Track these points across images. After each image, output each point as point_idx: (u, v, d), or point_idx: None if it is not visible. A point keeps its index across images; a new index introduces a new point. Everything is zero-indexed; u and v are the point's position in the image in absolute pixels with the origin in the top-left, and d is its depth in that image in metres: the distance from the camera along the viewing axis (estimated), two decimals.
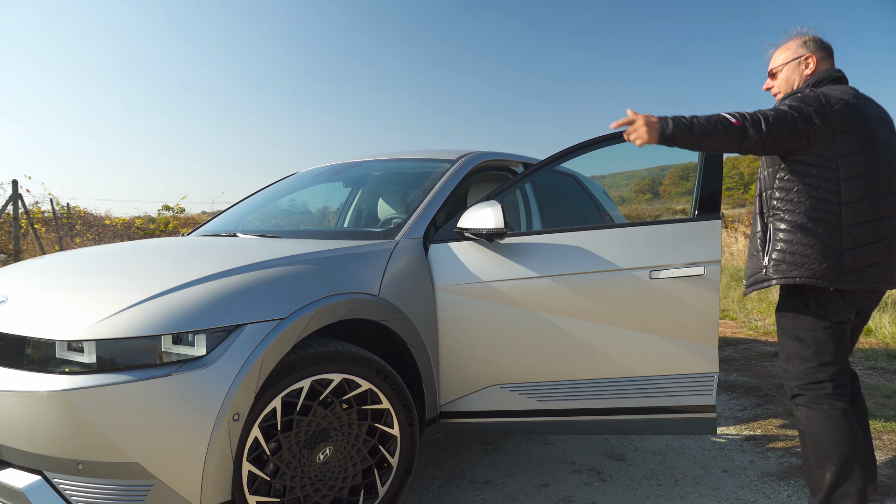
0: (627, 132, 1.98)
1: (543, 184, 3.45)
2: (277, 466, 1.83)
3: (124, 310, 1.67)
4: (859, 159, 1.95)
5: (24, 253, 10.27)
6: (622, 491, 2.45)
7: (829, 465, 1.94)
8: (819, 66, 2.13)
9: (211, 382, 1.62)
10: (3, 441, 1.67)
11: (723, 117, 1.91)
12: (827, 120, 1.92)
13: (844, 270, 1.92)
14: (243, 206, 3.28)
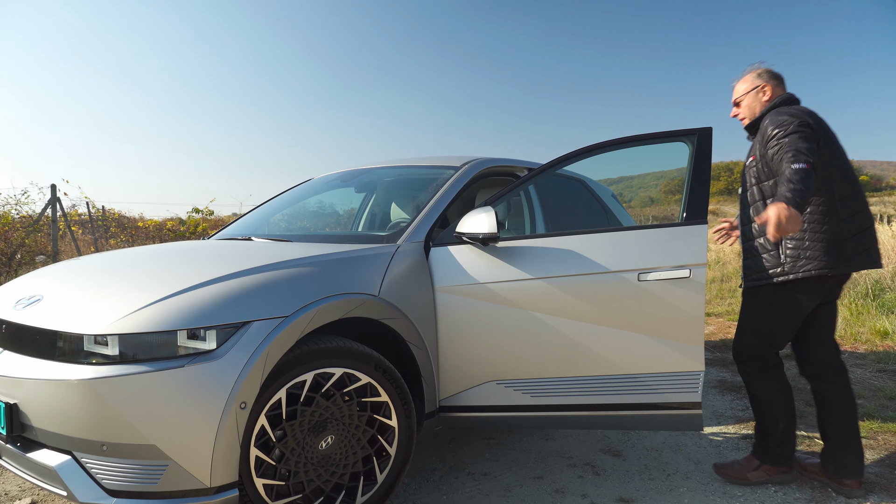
0: (775, 230, 2.01)
1: (547, 188, 3.56)
2: (283, 452, 1.99)
3: (143, 307, 1.85)
4: (840, 164, 2.39)
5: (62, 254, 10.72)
6: (613, 484, 2.55)
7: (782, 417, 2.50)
8: (774, 93, 2.52)
9: (220, 373, 1.79)
10: (37, 424, 1.87)
11: (802, 170, 2.11)
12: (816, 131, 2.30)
13: (848, 257, 2.31)
14: (260, 211, 3.47)
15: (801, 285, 2.35)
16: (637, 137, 2.62)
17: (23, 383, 1.88)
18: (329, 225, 3.61)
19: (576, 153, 2.61)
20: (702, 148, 2.50)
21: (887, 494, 2.39)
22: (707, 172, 2.45)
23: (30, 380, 1.86)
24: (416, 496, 2.45)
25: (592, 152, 2.61)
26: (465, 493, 2.49)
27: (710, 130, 2.54)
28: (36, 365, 1.89)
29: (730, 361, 4.68)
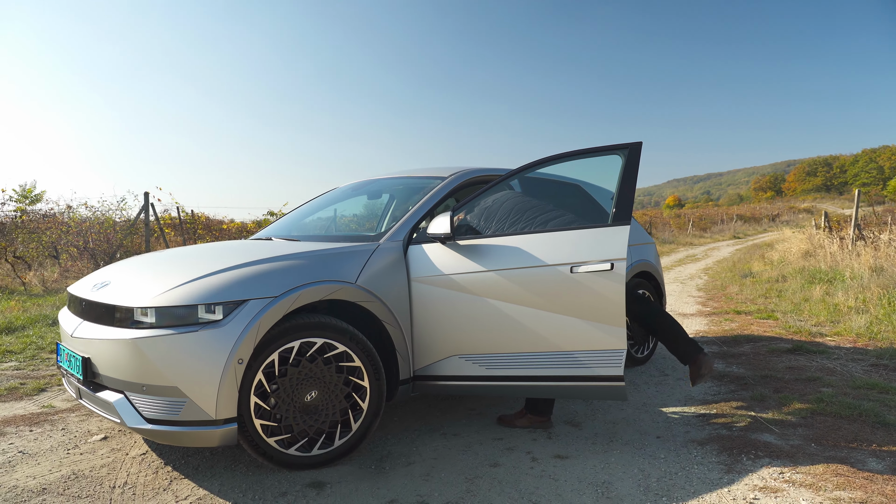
0: None
1: (536, 192, 4.03)
2: (276, 401, 2.62)
3: (171, 289, 2.54)
4: None
5: None
6: (559, 446, 3.01)
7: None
8: None
9: (224, 337, 2.44)
10: (102, 372, 2.60)
11: None
12: None
13: None
14: (290, 216, 4.17)
15: None
16: (578, 152, 3.07)
17: (92, 342, 2.62)
18: (345, 226, 4.24)
19: (523, 167, 3.11)
20: (631, 160, 2.92)
21: (790, 460, 2.72)
22: (633, 182, 2.87)
23: (97, 339, 2.59)
24: (391, 447, 3.02)
25: (539, 165, 3.09)
26: (432, 447, 3.03)
27: (640, 145, 2.95)
28: (102, 330, 2.62)
29: (729, 355, 4.94)
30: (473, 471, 2.71)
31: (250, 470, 2.72)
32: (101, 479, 2.62)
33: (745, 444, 2.92)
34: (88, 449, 2.98)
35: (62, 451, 2.95)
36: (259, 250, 3.02)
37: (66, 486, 2.54)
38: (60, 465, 2.76)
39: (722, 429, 3.18)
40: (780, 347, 5.05)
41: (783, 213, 54.70)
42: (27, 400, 3.91)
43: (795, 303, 7.40)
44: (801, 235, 13.97)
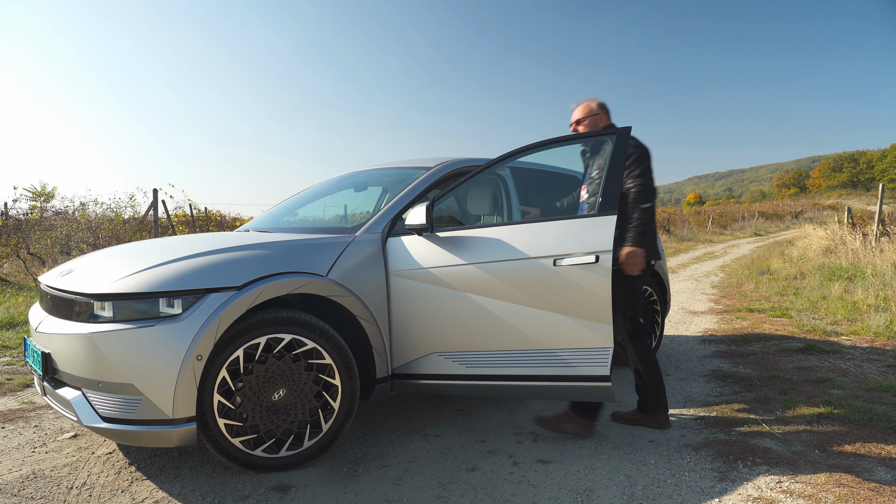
0: (626, 268, 2.88)
1: (528, 183, 3.87)
2: (241, 400, 2.50)
3: (126, 276, 2.42)
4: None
5: None
6: (544, 449, 2.85)
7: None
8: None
9: (181, 332, 2.31)
10: (62, 367, 2.49)
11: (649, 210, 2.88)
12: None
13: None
14: (275, 209, 4.05)
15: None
16: (565, 138, 2.90)
17: (52, 337, 2.52)
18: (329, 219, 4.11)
19: (506, 155, 2.94)
20: (619, 147, 2.74)
21: (790, 468, 2.52)
22: (621, 168, 2.69)
23: (57, 334, 2.49)
24: (367, 448, 2.88)
25: (524, 152, 2.92)
26: (410, 448, 2.89)
27: (629, 129, 2.77)
28: (61, 324, 2.52)
29: (737, 354, 4.72)
30: (449, 475, 2.56)
31: (215, 472, 2.60)
32: (59, 480, 2.52)
33: (743, 450, 2.73)
34: (55, 447, 2.88)
35: (28, 449, 2.86)
36: (228, 241, 2.89)
37: (23, 487, 2.44)
38: (22, 464, 2.67)
39: (720, 433, 2.98)
40: (791, 347, 4.82)
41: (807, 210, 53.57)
42: (9, 396, 3.84)
43: (812, 300, 7.12)
44: (822, 232, 13.54)
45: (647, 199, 2.85)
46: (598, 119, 3.13)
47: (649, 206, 2.86)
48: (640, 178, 2.89)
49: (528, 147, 2.94)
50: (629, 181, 2.90)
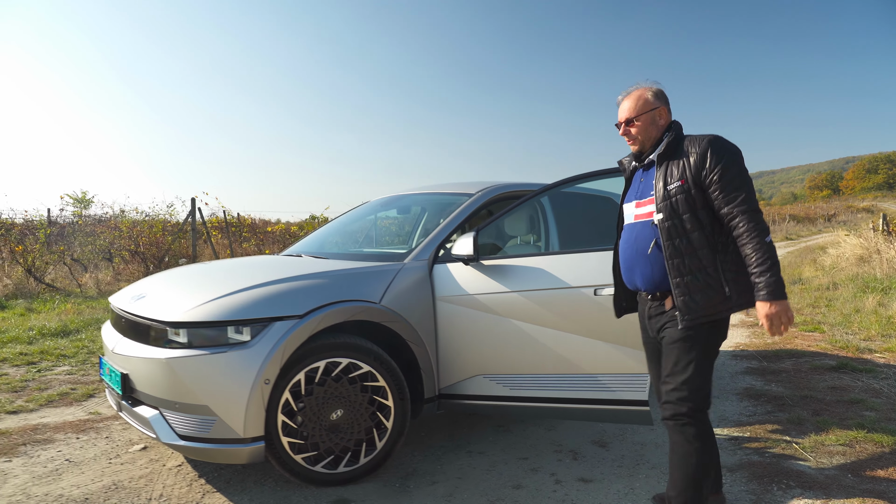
0: (774, 328, 2.05)
1: (565, 206, 4.01)
2: (303, 419, 2.69)
3: (199, 305, 2.63)
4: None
5: (201, 256, 12.51)
6: (584, 468, 2.99)
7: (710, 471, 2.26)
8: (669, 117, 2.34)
9: (251, 358, 2.52)
10: (139, 388, 2.72)
11: (770, 247, 2.07)
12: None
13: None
14: (321, 231, 4.26)
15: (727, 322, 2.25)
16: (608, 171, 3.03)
17: (130, 359, 2.75)
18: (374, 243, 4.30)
19: (549, 187, 3.10)
20: None
21: (823, 492, 2.62)
22: None
23: (135, 357, 2.72)
24: (416, 464, 3.06)
25: (567, 184, 3.08)
26: (457, 465, 3.06)
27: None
28: (139, 347, 2.75)
29: (769, 371, 4.79)
30: (496, 492, 2.72)
31: (278, 485, 2.80)
32: (138, 491, 2.74)
33: (777, 473, 2.84)
34: (129, 459, 3.12)
35: (105, 460, 3.10)
36: (286, 268, 3.10)
37: (107, 498, 2.67)
38: (102, 475, 2.91)
39: (754, 454, 3.09)
40: (823, 364, 4.87)
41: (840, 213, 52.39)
42: (76, 406, 4.12)
43: (845, 314, 7.11)
44: (855, 239, 13.36)
45: (766, 229, 2.08)
46: (656, 114, 2.29)
47: (770, 240, 2.07)
48: (746, 203, 2.09)
49: (574, 178, 3.09)
50: (725, 202, 2.11)
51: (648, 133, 2.31)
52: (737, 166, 2.13)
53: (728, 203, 2.10)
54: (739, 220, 2.08)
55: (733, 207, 2.09)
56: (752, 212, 2.08)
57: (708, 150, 2.15)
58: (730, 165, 2.12)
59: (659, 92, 2.33)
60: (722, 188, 2.11)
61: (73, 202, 17.88)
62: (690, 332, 2.18)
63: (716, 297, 2.13)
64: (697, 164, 2.15)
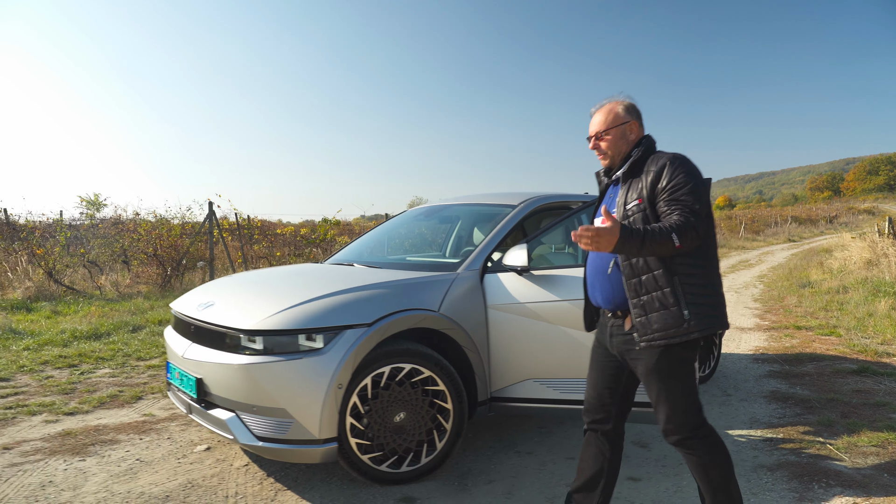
0: (583, 240, 1.90)
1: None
2: (369, 421, 2.85)
3: (273, 314, 2.79)
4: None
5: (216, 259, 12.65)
6: (630, 467, 3.15)
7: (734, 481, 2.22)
8: (640, 132, 2.30)
9: (325, 364, 2.68)
10: (214, 391, 2.88)
11: (667, 236, 1.96)
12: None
13: (726, 314, 2.19)
14: (364, 239, 4.42)
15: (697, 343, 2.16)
16: None
17: (205, 365, 2.91)
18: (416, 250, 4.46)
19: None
20: None
21: (863, 490, 2.79)
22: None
23: (210, 362, 2.87)
24: (470, 464, 3.22)
25: None
26: (509, 465, 3.22)
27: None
28: (213, 353, 2.90)
29: (792, 375, 4.95)
30: (551, 490, 2.88)
31: (344, 484, 2.96)
32: (214, 489, 2.90)
33: (816, 472, 3.00)
34: (196, 459, 3.28)
35: (173, 460, 3.26)
36: (348, 278, 3.26)
37: (186, 495, 2.83)
38: (176, 474, 3.07)
39: (790, 455, 3.26)
40: (844, 368, 5.03)
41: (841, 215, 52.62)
42: (128, 408, 4.28)
43: (858, 318, 7.27)
44: (863, 243, 13.53)
45: (682, 230, 1.97)
46: (627, 129, 2.27)
47: (675, 238, 1.96)
48: (685, 209, 2.03)
49: None
50: (668, 211, 2.06)
51: (618, 148, 2.28)
52: (691, 184, 2.06)
53: (669, 211, 2.04)
54: (671, 215, 2.02)
55: (673, 210, 2.03)
56: (686, 215, 2.00)
57: (665, 167, 2.11)
58: (683, 183, 2.06)
59: (630, 106, 2.31)
60: (669, 202, 2.05)
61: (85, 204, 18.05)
62: (663, 361, 2.12)
63: (672, 319, 2.06)
64: (653, 181, 2.12)
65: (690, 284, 2.09)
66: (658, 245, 1.95)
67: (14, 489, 2.89)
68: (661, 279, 2.09)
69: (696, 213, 2.02)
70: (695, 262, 2.10)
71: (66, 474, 3.06)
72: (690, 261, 2.09)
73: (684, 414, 2.14)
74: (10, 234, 11.17)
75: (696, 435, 2.15)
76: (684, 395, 2.15)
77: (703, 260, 2.12)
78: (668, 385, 2.14)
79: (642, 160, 2.22)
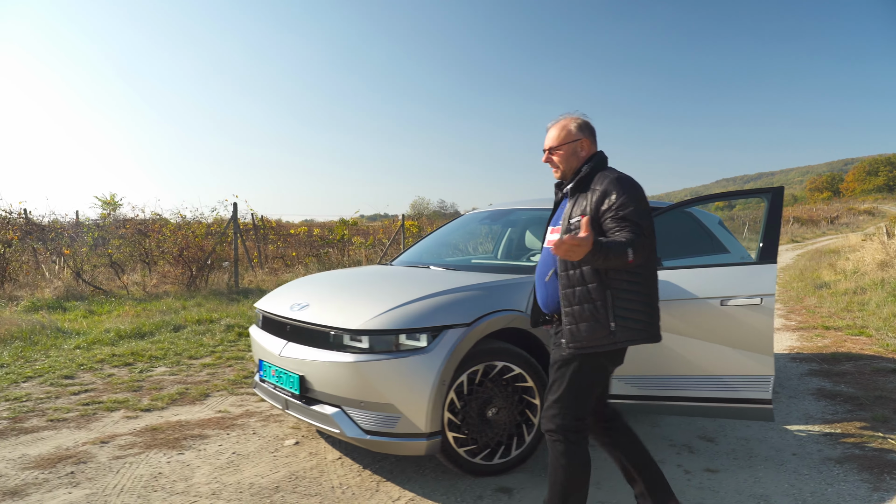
0: (562, 250, 2.00)
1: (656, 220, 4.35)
2: (464, 416, 3.02)
3: (378, 315, 2.95)
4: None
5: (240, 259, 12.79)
6: (704, 459, 3.33)
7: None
8: (591, 149, 2.44)
9: (430, 362, 2.85)
10: (317, 388, 3.04)
11: (622, 249, 2.09)
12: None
13: (656, 328, 2.35)
14: (426, 243, 4.59)
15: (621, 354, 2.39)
16: (725, 194, 3.38)
17: (308, 363, 3.07)
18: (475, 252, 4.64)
19: (677, 204, 3.44)
20: (774, 203, 3.20)
21: None
22: (778, 224, 3.15)
23: (314, 360, 3.04)
24: None
25: (690, 204, 3.41)
26: None
27: (782, 189, 3.23)
28: (316, 352, 3.07)
29: (833, 373, 5.13)
30: None
31: (438, 475, 3.12)
32: (317, 480, 3.07)
33: (884, 464, 3.18)
34: (289, 453, 3.44)
35: (267, 453, 3.42)
36: (436, 280, 3.42)
37: (294, 486, 3.00)
38: (276, 467, 3.23)
39: (854, 448, 3.43)
40: (883, 367, 5.22)
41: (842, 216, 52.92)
42: (199, 405, 4.43)
43: (883, 318, 7.46)
44: (876, 244, 13.74)
45: (635, 245, 2.12)
46: (578, 146, 2.41)
47: (629, 252, 2.10)
48: (632, 229, 2.17)
49: (693, 200, 3.43)
50: (615, 230, 2.20)
51: (569, 163, 2.42)
52: (635, 205, 2.19)
53: (618, 228, 2.17)
54: (621, 232, 2.15)
55: (622, 227, 2.16)
56: (637, 232, 2.13)
57: (610, 187, 2.24)
58: (628, 203, 2.19)
59: (583, 124, 2.43)
60: (616, 220, 2.19)
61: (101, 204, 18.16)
62: (567, 357, 2.31)
63: (600, 330, 2.22)
64: (598, 200, 2.25)
65: (622, 299, 2.24)
66: (616, 258, 2.09)
67: (129, 480, 3.05)
68: (594, 292, 2.24)
69: (644, 232, 2.16)
70: (629, 278, 2.25)
71: (172, 467, 3.22)
72: (625, 276, 2.24)
73: (563, 411, 2.31)
74: (40, 235, 11.30)
75: (563, 436, 2.31)
76: (575, 395, 2.31)
77: (637, 277, 2.26)
78: (568, 379, 2.32)
79: (590, 177, 2.36)
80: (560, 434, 2.32)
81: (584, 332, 2.24)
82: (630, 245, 2.10)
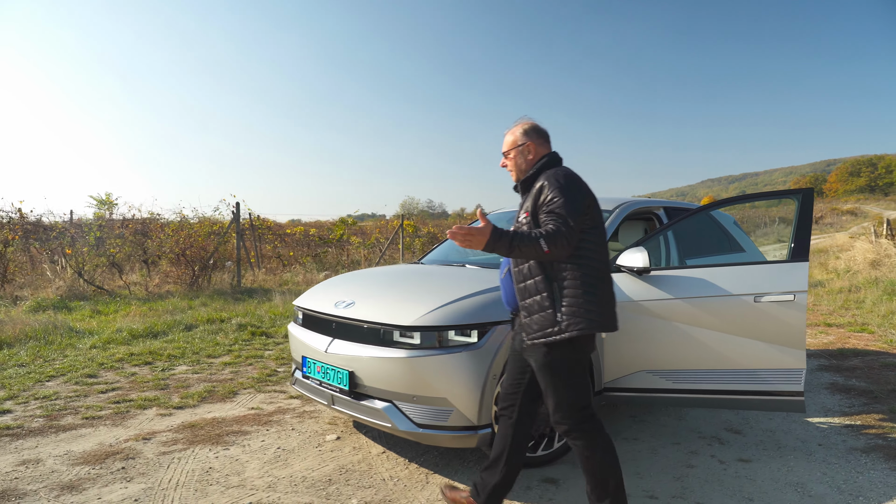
0: (458, 238, 2.09)
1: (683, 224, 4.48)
2: None
3: (428, 312, 3.04)
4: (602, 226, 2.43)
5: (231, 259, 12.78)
6: (735, 450, 3.45)
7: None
8: (538, 152, 2.53)
9: (482, 357, 2.94)
10: (367, 383, 3.12)
11: (535, 241, 2.16)
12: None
13: (608, 317, 2.38)
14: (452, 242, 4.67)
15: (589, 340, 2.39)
16: (757, 195, 3.50)
17: (359, 359, 3.15)
18: None
19: (707, 206, 3.56)
20: (805, 204, 3.34)
21: None
22: (809, 223, 3.29)
23: (365, 356, 3.12)
24: None
25: (721, 206, 3.54)
26: (624, 448, 3.50)
27: (812, 191, 3.37)
28: (366, 348, 3.15)
29: (843, 368, 5.30)
30: (675, 470, 3.17)
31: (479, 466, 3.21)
32: (367, 473, 3.15)
33: None
34: (333, 447, 3.52)
35: (311, 448, 3.50)
36: (476, 278, 3.52)
37: (346, 479, 3.08)
38: (324, 461, 3.30)
39: (877, 439, 3.58)
40: (891, 362, 5.40)
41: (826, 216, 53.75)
42: (229, 402, 4.49)
43: (882, 315, 7.68)
44: (866, 244, 14.06)
45: (552, 237, 2.17)
46: (525, 150, 2.53)
47: (543, 244, 2.16)
48: (558, 220, 2.24)
49: (725, 201, 3.56)
50: (544, 220, 2.29)
51: (519, 166, 2.55)
52: (564, 199, 2.26)
53: (546, 220, 2.25)
54: (546, 225, 2.23)
55: (549, 220, 2.24)
56: (559, 225, 2.19)
57: (545, 183, 2.34)
58: (558, 197, 2.27)
59: (530, 129, 2.55)
60: (546, 213, 2.27)
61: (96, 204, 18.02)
62: (549, 358, 2.37)
63: (548, 321, 2.32)
64: (536, 196, 2.36)
65: (568, 289, 2.31)
66: (527, 248, 2.16)
67: (182, 475, 3.11)
68: (540, 284, 2.36)
69: (568, 224, 2.22)
70: (573, 270, 2.32)
71: (221, 462, 3.29)
72: (570, 268, 2.32)
73: (568, 409, 2.39)
74: (41, 235, 11.22)
75: (578, 430, 2.39)
76: (567, 390, 2.39)
77: (582, 269, 2.32)
78: (553, 381, 2.40)
79: (535, 176, 2.47)
80: (575, 432, 2.40)
81: (535, 323, 2.36)
82: (542, 237, 2.16)
